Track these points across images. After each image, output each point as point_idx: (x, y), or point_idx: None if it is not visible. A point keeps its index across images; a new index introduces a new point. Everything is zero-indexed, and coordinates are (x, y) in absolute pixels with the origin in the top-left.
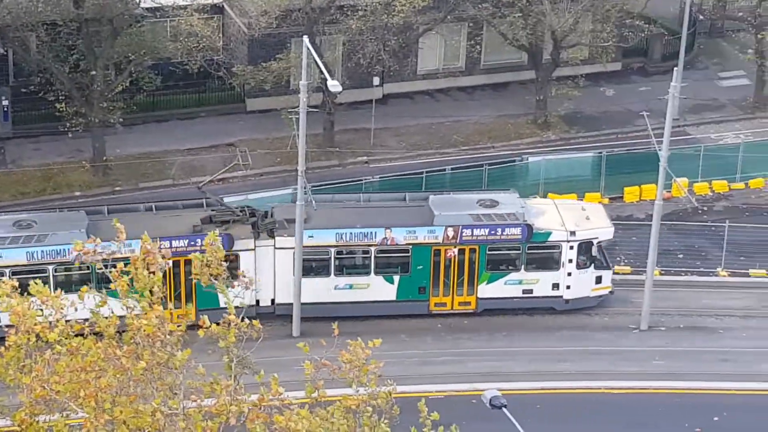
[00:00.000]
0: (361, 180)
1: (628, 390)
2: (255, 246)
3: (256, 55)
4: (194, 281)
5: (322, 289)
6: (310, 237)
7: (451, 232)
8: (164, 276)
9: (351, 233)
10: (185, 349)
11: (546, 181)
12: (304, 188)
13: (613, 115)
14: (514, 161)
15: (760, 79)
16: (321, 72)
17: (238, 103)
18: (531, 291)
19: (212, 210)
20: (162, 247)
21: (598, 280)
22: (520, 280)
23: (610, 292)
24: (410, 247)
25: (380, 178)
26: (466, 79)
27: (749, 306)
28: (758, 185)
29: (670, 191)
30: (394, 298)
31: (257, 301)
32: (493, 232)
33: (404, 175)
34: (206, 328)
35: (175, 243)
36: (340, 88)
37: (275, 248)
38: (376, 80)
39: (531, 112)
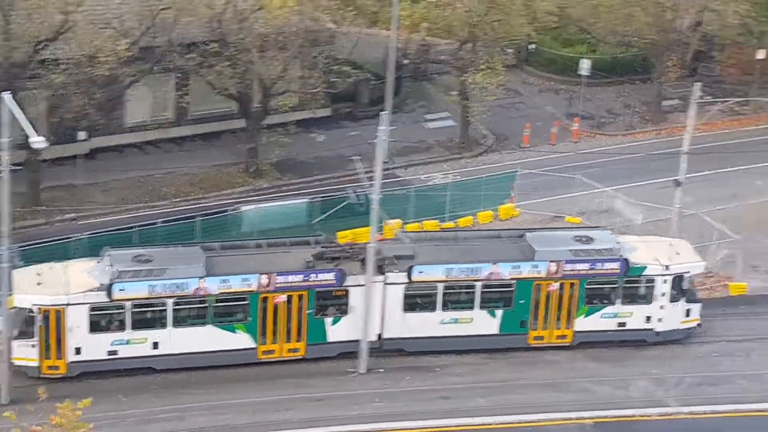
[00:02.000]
0: (70, 238)
1: None
2: (365, 282)
3: None
4: (305, 315)
5: (430, 324)
6: (420, 272)
7: (554, 267)
8: (277, 310)
9: (459, 268)
10: None
11: (260, 230)
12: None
13: (325, 161)
14: (226, 211)
15: (465, 120)
16: (23, 129)
17: None
18: (625, 324)
19: (323, 246)
20: (278, 282)
21: (688, 313)
22: (616, 313)
23: (698, 324)
24: (514, 281)
25: (89, 235)
26: (176, 130)
27: None
28: (467, 223)
29: (382, 233)
30: (497, 332)
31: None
32: (593, 266)
33: (114, 230)
34: None
35: (291, 278)
36: (44, 145)
37: (386, 284)
38: (83, 135)
39: (243, 161)
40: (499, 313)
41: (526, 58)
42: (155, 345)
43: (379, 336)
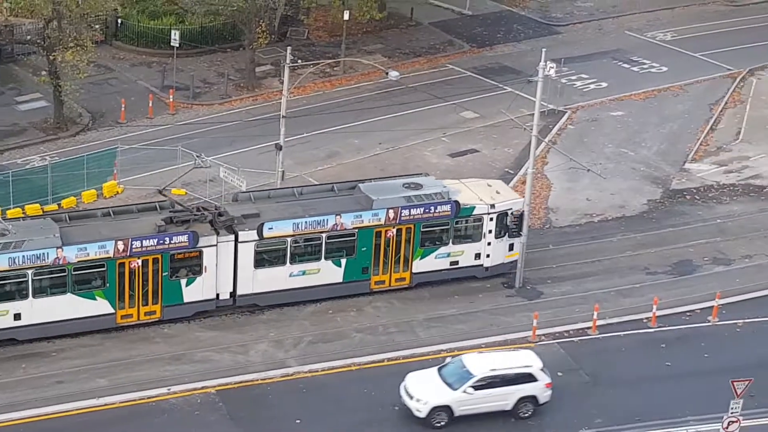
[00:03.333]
0: None
1: None
2: (217, 242)
3: None
4: (160, 278)
5: (280, 277)
6: (270, 229)
7: (392, 214)
8: (134, 274)
9: (306, 222)
10: None
11: None
12: None
13: None
14: None
15: (58, 99)
16: None
17: None
18: (457, 262)
19: (170, 211)
20: (134, 246)
21: (511, 247)
22: (449, 252)
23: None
24: (356, 230)
25: None
26: None
27: None
28: (71, 204)
29: None
30: (341, 280)
31: (217, 295)
32: (427, 210)
33: None
34: None
35: (145, 243)
36: None
37: (237, 242)
38: None
39: None
40: (343, 262)
41: (115, 33)
42: (17, 316)
43: (232, 293)
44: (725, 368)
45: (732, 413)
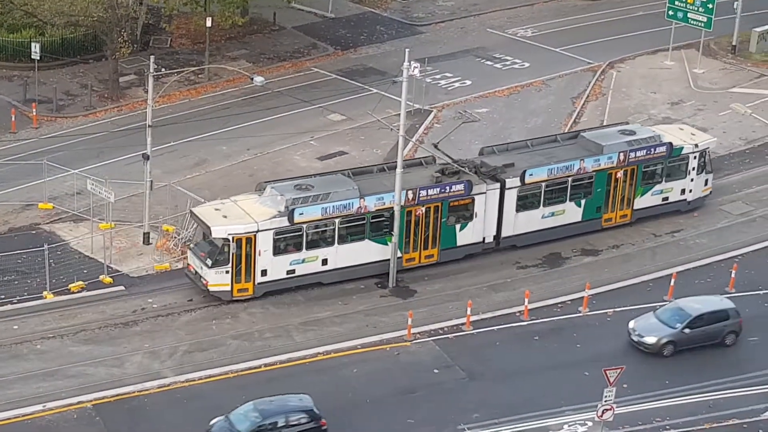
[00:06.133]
0: None
1: None
2: (486, 189)
3: None
4: (439, 224)
5: (534, 219)
6: (530, 175)
7: (622, 157)
8: (418, 221)
9: (558, 167)
10: None
11: None
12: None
13: None
14: None
15: None
16: None
17: None
18: (667, 198)
19: (441, 165)
20: (421, 195)
21: (706, 182)
22: (662, 189)
23: (710, 192)
24: (594, 173)
25: None
26: None
27: None
28: None
29: None
30: (579, 219)
31: (483, 238)
32: (648, 152)
33: None
34: None
35: (430, 192)
36: None
37: (504, 189)
38: None
39: None
40: (583, 202)
41: None
42: (324, 261)
43: (495, 236)
44: (598, 357)
45: (606, 401)
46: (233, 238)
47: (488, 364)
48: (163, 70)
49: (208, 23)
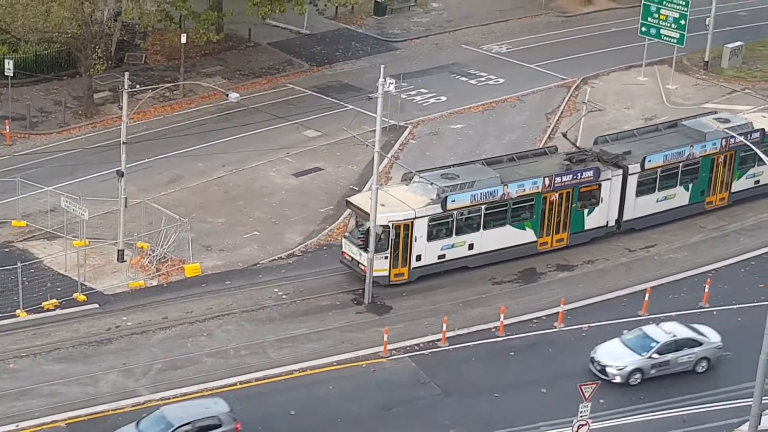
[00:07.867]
0: None
1: None
2: (611, 176)
3: None
4: (570, 209)
5: (650, 203)
6: (649, 161)
7: (724, 143)
8: (552, 207)
9: (672, 153)
10: None
11: None
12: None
13: None
14: None
15: None
16: None
17: None
18: (758, 181)
19: (567, 153)
20: (556, 182)
21: None
22: (755, 173)
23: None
24: (700, 158)
25: None
26: None
27: None
28: None
29: None
30: (686, 202)
31: (606, 222)
32: (747, 138)
33: None
34: None
35: (564, 178)
36: None
37: (627, 175)
38: None
39: None
40: (690, 186)
41: None
42: (471, 246)
43: (617, 220)
44: (573, 373)
45: (581, 416)
46: (393, 224)
47: (464, 379)
48: (137, 86)
49: (183, 39)
